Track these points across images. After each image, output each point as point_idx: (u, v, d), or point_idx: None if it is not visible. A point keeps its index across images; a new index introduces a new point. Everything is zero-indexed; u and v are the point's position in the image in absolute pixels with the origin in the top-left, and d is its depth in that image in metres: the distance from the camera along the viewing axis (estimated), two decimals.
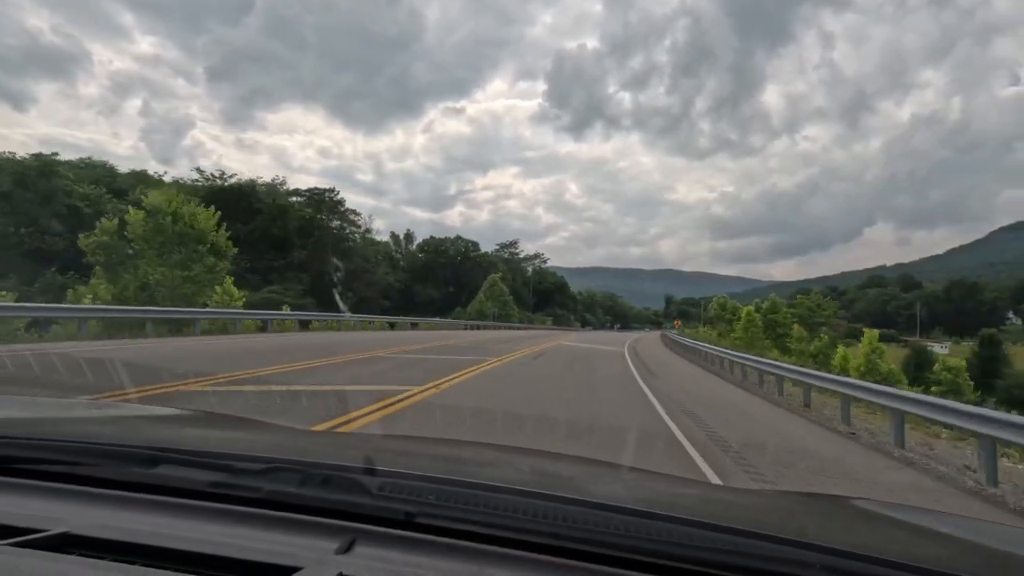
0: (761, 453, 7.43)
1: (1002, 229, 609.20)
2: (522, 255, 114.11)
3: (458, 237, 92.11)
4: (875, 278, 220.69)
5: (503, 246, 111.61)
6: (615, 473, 1.75)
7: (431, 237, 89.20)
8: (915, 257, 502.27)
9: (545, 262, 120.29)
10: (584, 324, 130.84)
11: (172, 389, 7.80)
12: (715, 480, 5.81)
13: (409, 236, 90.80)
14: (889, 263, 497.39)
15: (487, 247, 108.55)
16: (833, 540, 0.99)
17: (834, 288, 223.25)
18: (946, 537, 1.31)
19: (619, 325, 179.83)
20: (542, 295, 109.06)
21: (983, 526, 1.59)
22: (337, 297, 61.24)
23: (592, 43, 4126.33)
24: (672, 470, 4.29)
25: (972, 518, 1.65)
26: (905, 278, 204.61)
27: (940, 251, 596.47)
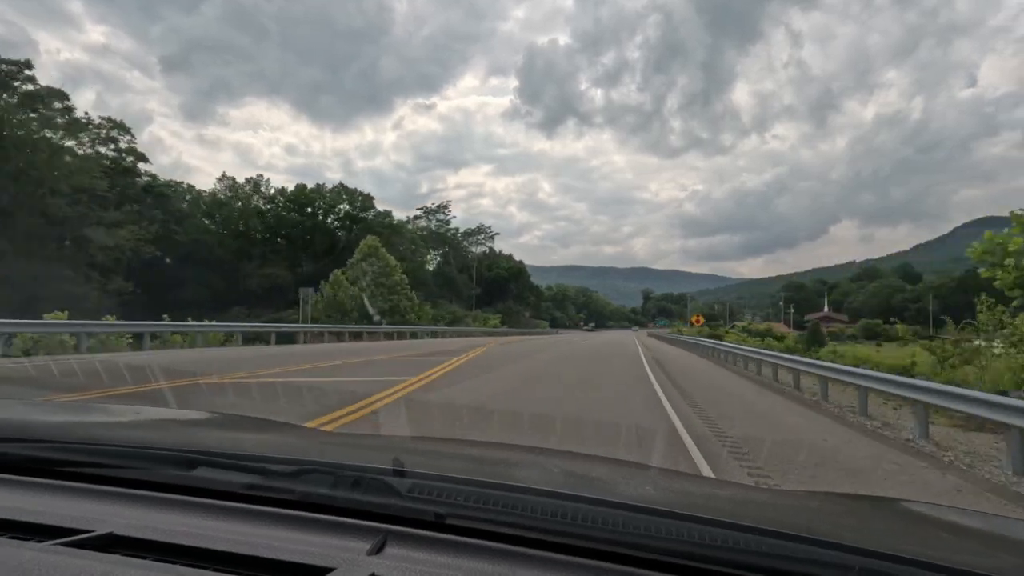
0: None
1: (965, 225, 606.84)
2: (453, 222, 78.68)
3: (340, 186, 56.64)
4: (869, 269, 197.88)
5: (427, 212, 74.78)
6: (645, 474, 1.73)
7: (297, 186, 54.35)
8: (882, 253, 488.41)
9: (492, 237, 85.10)
10: (553, 324, 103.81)
11: None
12: None
13: (257, 184, 54.57)
14: (858, 259, 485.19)
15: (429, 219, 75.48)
16: (872, 542, 0.93)
17: (823, 281, 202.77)
18: (993, 539, 1.26)
19: (592, 324, 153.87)
20: (491, 284, 79.12)
21: None
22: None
23: (564, 38, 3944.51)
24: None
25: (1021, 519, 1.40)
26: (905, 267, 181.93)
27: (906, 247, 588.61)
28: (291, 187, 53.82)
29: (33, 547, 0.86)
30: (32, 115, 32.39)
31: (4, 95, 31.08)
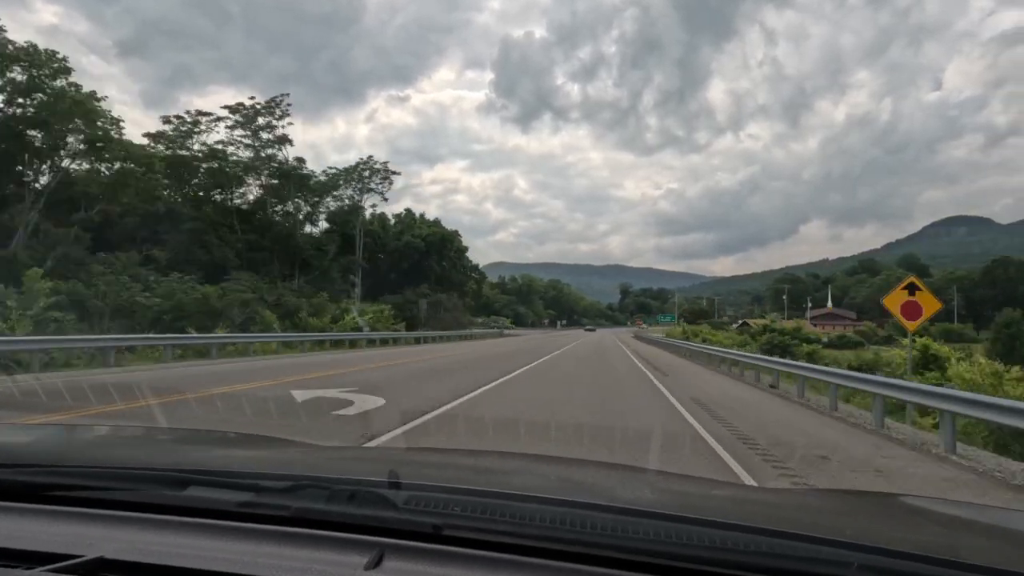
0: None
1: (933, 224, 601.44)
2: (285, 147, 40.96)
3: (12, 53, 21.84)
4: (866, 262, 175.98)
5: (247, 124, 37.76)
6: (641, 477, 1.70)
7: None
8: (852, 252, 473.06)
9: (389, 180, 48.63)
10: (518, 322, 78.68)
11: None
12: None
13: None
14: (831, 257, 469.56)
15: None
16: (872, 538, 0.91)
17: (816, 275, 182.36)
18: (992, 530, 1.24)
19: (564, 322, 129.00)
20: (399, 260, 52.09)
21: None
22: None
23: (540, 31, 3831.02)
24: None
25: (1019, 510, 1.45)
26: (910, 258, 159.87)
27: (876, 245, 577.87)
28: None
29: (21, 574, 0.84)
30: None
31: None
